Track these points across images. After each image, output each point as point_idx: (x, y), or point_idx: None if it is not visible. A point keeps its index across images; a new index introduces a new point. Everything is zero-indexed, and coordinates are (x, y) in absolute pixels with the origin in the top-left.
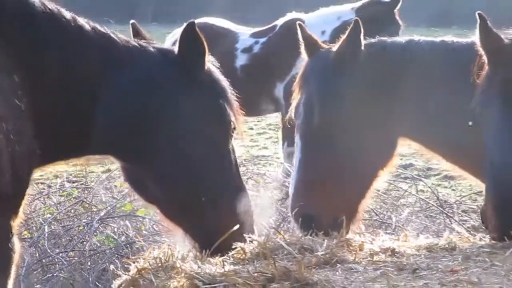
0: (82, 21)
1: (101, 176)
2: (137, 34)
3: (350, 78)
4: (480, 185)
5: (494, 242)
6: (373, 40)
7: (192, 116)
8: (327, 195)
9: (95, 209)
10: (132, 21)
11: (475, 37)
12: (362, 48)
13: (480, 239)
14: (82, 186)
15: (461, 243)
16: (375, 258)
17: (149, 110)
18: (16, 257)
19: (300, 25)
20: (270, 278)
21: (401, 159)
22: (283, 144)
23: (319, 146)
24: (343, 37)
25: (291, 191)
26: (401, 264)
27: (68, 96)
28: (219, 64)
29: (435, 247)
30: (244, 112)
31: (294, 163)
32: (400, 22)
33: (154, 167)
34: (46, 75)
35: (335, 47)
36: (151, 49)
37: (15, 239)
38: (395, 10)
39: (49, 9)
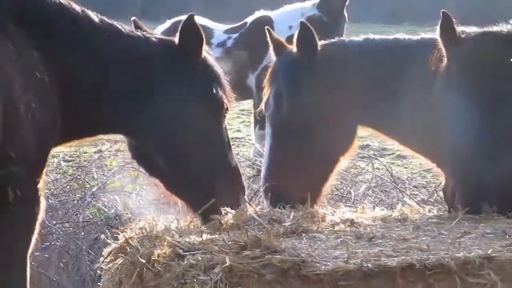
0: (90, 13)
1: (94, 156)
2: (139, 28)
3: (311, 73)
4: (428, 164)
5: (441, 213)
6: (333, 40)
7: (190, 96)
8: (294, 177)
9: (88, 185)
10: (133, 18)
11: (432, 33)
12: (317, 46)
13: (429, 211)
14: (76, 165)
15: (412, 215)
16: (336, 228)
17: (151, 90)
18: (41, 216)
19: (268, 29)
20: (242, 246)
21: (359, 140)
22: (254, 127)
23: (286, 133)
24: (295, 39)
25: (262, 173)
26: (359, 233)
27: (82, 77)
28: None
29: (389, 218)
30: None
31: (265, 148)
32: (346, 17)
33: (157, 142)
34: (64, 58)
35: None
36: (153, 38)
37: (42, 199)
38: (345, 6)
39: (61, 2)
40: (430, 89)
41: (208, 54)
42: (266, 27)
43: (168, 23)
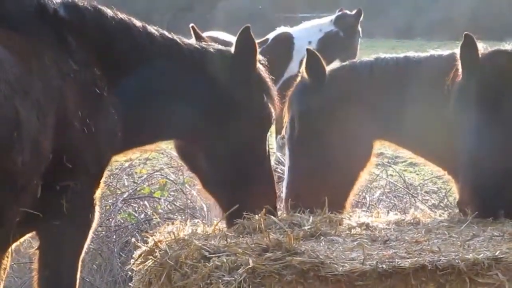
0: (151, 28)
1: (124, 164)
2: (197, 36)
3: (321, 96)
4: (439, 171)
5: (451, 217)
6: (344, 63)
7: (243, 106)
8: (313, 196)
9: (119, 192)
10: (191, 24)
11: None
12: (325, 71)
13: (440, 215)
14: (109, 173)
15: (424, 219)
16: (353, 231)
17: (208, 100)
18: (94, 225)
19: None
20: (265, 248)
21: None
22: (276, 136)
23: (302, 155)
24: (304, 67)
25: (284, 191)
26: (374, 236)
27: (143, 93)
28: None
29: (402, 222)
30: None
31: (285, 169)
32: (360, 32)
33: (205, 146)
34: (126, 74)
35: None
36: (211, 49)
37: (97, 208)
38: (359, 22)
39: (121, 18)
40: (442, 104)
41: (261, 65)
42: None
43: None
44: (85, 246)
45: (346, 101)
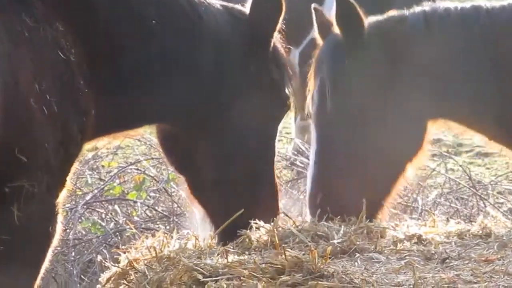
0: None
1: (87, 154)
2: None
3: (359, 59)
4: None
5: None
6: (389, 14)
7: (254, 86)
8: (347, 191)
9: (80, 192)
10: None
11: None
12: (363, 23)
13: None
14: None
15: (496, 229)
16: (399, 246)
17: (209, 73)
18: (55, 240)
19: (315, 9)
20: (279, 270)
21: None
22: (295, 118)
23: (334, 136)
24: (334, 18)
25: (308, 186)
26: (429, 253)
27: (125, 53)
28: None
29: (467, 234)
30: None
31: (310, 155)
32: None
33: (205, 134)
34: (110, 28)
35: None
36: (217, 6)
37: (58, 218)
38: None
39: None
40: None
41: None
42: (313, 5)
43: None
44: (43, 268)
45: (391, 65)
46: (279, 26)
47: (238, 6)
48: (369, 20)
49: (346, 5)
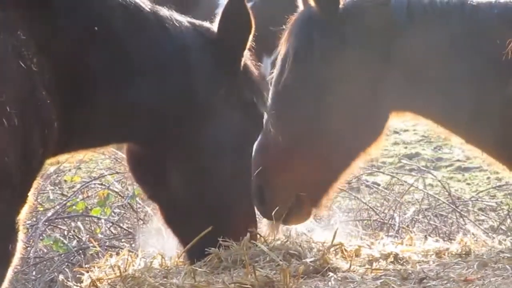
0: None
1: (48, 169)
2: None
3: (328, 35)
4: (503, 174)
5: None
6: None
7: (225, 103)
8: (290, 167)
9: (41, 208)
10: None
11: None
12: (338, 2)
13: (500, 243)
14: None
15: (476, 248)
16: (375, 265)
17: (181, 91)
18: (15, 259)
19: None
20: None
21: (406, 147)
22: None
23: (287, 107)
24: None
25: (253, 156)
26: (406, 273)
27: (92, 64)
28: None
29: (446, 252)
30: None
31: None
32: None
33: (177, 155)
34: (67, 36)
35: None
36: (186, 23)
37: (20, 236)
38: None
39: None
40: None
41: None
42: None
43: None
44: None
45: (365, 49)
46: (249, 44)
47: (206, 24)
48: None
49: None
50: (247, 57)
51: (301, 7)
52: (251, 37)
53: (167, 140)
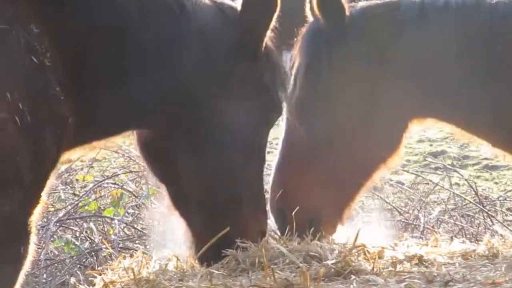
0: None
1: (60, 168)
2: None
3: (337, 46)
4: None
5: None
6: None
7: (242, 93)
8: (308, 186)
9: (52, 209)
10: None
11: None
12: (344, 9)
13: None
14: None
15: (504, 249)
16: (399, 267)
17: (194, 77)
18: (27, 262)
19: None
20: None
21: (431, 145)
22: None
23: (303, 124)
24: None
25: (271, 177)
26: (431, 275)
27: (105, 54)
28: None
29: (473, 254)
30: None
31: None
32: None
33: (190, 141)
34: (81, 28)
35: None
36: (207, 1)
37: (31, 239)
38: None
39: None
40: None
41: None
42: None
43: None
44: None
45: (374, 54)
46: (272, 24)
47: (229, 2)
48: (358, 5)
49: None
50: (270, 39)
51: (310, 18)
52: (275, 16)
53: (181, 124)
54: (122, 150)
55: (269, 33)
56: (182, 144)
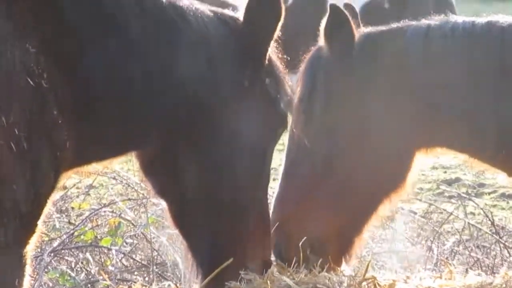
0: None
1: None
2: None
3: (343, 74)
4: None
5: None
6: (385, 27)
7: (245, 106)
8: (310, 216)
9: (47, 238)
10: None
11: None
12: (353, 37)
13: None
14: None
15: None
16: None
17: (197, 91)
18: None
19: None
20: None
21: (445, 172)
22: None
23: (303, 155)
24: (323, 28)
25: (271, 209)
26: None
27: (108, 74)
28: None
29: (489, 287)
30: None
31: (279, 176)
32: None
33: (192, 155)
34: (83, 48)
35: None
36: (208, 12)
37: (27, 271)
38: None
39: None
40: None
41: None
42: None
43: None
44: None
45: (378, 83)
46: (276, 34)
47: (230, 12)
48: (363, 31)
49: (339, 16)
50: (273, 50)
51: (320, 42)
52: (279, 26)
53: (184, 137)
54: (120, 176)
55: (272, 44)
56: (185, 156)
